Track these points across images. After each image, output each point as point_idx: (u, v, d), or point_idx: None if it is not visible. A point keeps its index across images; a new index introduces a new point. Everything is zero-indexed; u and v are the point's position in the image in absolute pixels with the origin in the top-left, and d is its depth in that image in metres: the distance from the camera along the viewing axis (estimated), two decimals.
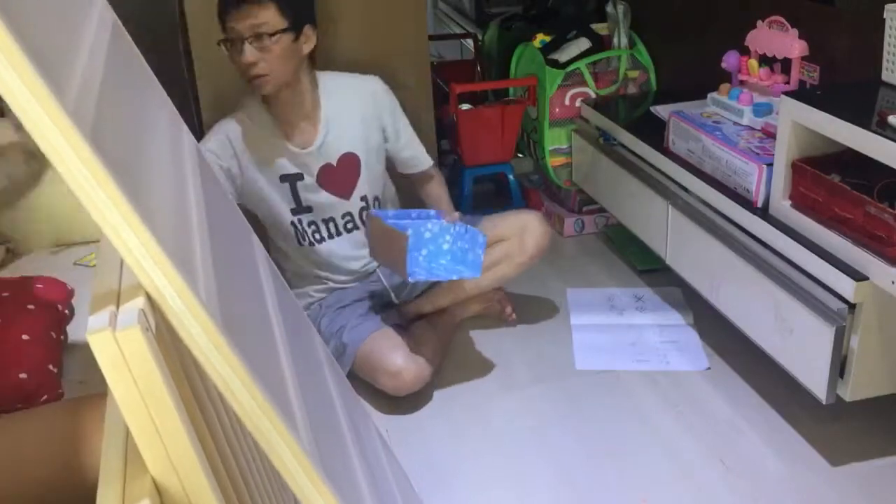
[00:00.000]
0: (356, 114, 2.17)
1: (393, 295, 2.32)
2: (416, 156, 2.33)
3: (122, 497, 0.73)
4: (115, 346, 0.67)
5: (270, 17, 1.93)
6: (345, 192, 2.20)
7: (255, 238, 1.31)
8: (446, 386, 2.20)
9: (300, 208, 2.17)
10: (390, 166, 2.32)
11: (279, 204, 2.15)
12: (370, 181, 2.23)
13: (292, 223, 2.18)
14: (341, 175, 2.18)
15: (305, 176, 2.14)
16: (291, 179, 2.13)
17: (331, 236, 2.22)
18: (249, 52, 1.94)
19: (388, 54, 2.25)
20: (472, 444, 1.99)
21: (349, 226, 2.24)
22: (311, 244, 2.21)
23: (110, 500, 0.73)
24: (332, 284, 2.28)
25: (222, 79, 2.63)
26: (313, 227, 2.20)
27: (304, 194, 2.15)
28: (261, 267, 1.22)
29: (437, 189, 2.41)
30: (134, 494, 0.72)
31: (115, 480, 0.74)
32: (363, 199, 2.23)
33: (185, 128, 1.17)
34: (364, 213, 2.24)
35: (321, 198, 2.17)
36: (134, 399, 0.69)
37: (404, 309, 2.33)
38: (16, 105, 0.62)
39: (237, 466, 0.88)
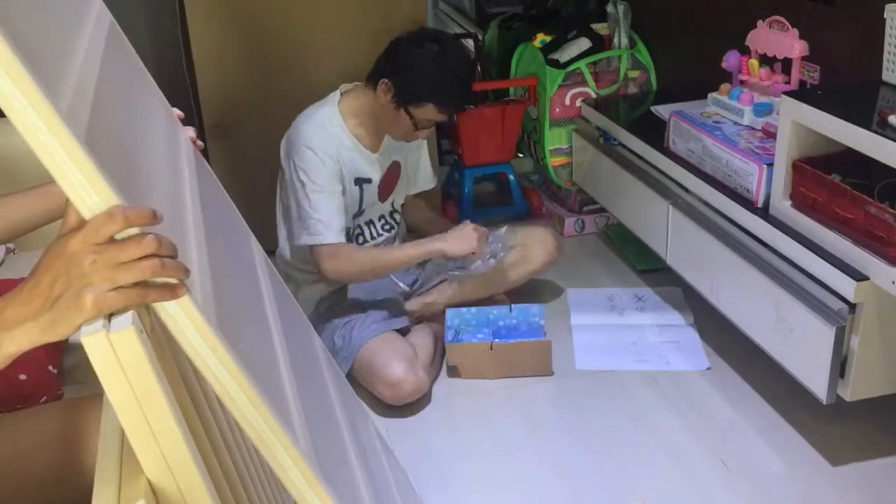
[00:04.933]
0: None
1: (402, 284, 2.35)
2: (427, 173, 2.45)
3: (117, 498, 0.73)
4: (109, 347, 0.67)
5: None
6: (385, 196, 2.29)
7: (254, 239, 1.31)
8: (446, 386, 2.20)
9: (359, 212, 2.23)
10: None
11: (347, 208, 2.19)
12: (401, 189, 2.35)
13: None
14: (388, 180, 2.27)
15: (373, 180, 2.21)
16: (361, 183, 2.19)
17: (372, 237, 2.29)
18: None
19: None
20: (472, 443, 1.99)
21: (386, 227, 2.32)
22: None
23: (106, 501, 0.73)
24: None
25: (222, 79, 2.64)
26: (359, 229, 2.26)
27: (367, 198, 2.22)
28: (259, 268, 1.22)
29: (429, 211, 2.51)
30: (129, 496, 0.72)
31: (111, 482, 0.74)
32: (392, 203, 2.33)
33: (181, 128, 1.17)
34: (393, 216, 2.33)
35: (374, 201, 2.24)
36: (128, 401, 0.69)
37: (413, 304, 2.33)
38: (9, 108, 0.62)
39: (234, 468, 0.88)
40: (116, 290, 0.70)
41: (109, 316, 0.70)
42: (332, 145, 2.10)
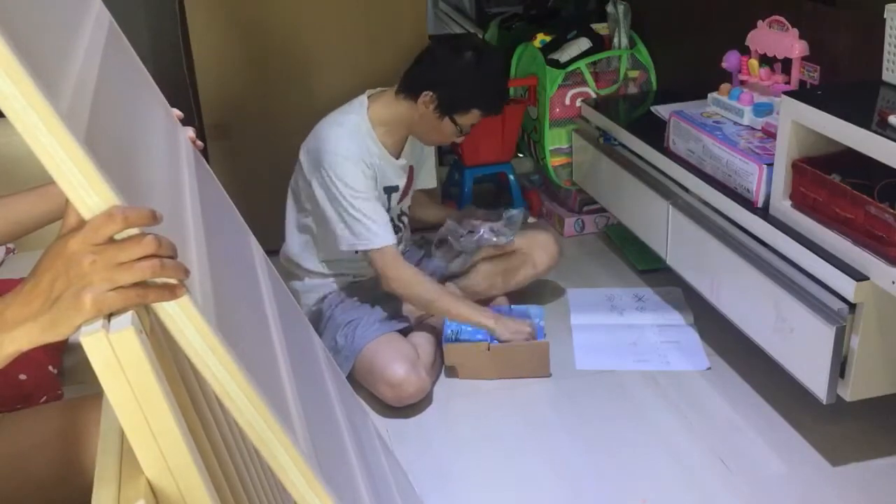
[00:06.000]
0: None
1: None
2: (430, 173, 2.48)
3: (117, 498, 0.73)
4: (108, 347, 0.67)
5: None
6: (401, 200, 2.31)
7: (254, 239, 1.31)
8: (446, 386, 2.20)
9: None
10: None
11: None
12: (411, 193, 2.37)
13: None
14: (406, 186, 2.30)
15: (399, 187, 2.25)
16: (390, 192, 2.23)
17: None
18: None
19: (388, 55, 2.26)
20: (472, 444, 1.99)
21: (394, 230, 2.31)
22: None
23: (106, 501, 0.73)
24: (352, 279, 2.31)
25: (222, 79, 2.64)
26: None
27: (392, 205, 2.25)
28: (259, 268, 1.22)
29: (427, 200, 2.57)
30: (129, 496, 0.72)
31: (111, 482, 0.74)
32: (401, 207, 2.34)
33: (181, 128, 1.17)
34: (401, 219, 2.35)
35: (393, 204, 2.27)
36: (128, 401, 0.69)
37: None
38: (8, 108, 0.62)
39: (234, 468, 0.88)
40: (116, 290, 0.70)
41: (109, 316, 0.70)
42: (365, 153, 2.11)
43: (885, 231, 1.58)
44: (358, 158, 2.08)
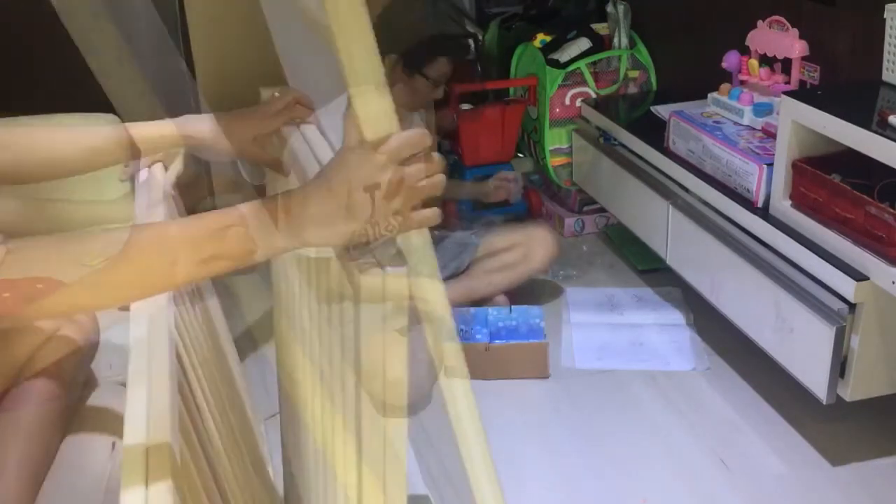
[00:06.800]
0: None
1: None
2: None
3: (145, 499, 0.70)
4: (380, 286, 0.74)
5: None
6: None
7: None
8: None
9: None
10: None
11: None
12: None
13: None
14: None
15: None
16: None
17: None
18: None
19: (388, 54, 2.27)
20: None
21: None
22: None
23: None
24: None
25: (222, 78, 2.63)
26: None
27: None
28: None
29: None
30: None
31: (138, 479, 0.72)
32: None
33: None
34: None
35: None
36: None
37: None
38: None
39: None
40: (407, 214, 0.72)
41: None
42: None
43: (885, 231, 1.58)
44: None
